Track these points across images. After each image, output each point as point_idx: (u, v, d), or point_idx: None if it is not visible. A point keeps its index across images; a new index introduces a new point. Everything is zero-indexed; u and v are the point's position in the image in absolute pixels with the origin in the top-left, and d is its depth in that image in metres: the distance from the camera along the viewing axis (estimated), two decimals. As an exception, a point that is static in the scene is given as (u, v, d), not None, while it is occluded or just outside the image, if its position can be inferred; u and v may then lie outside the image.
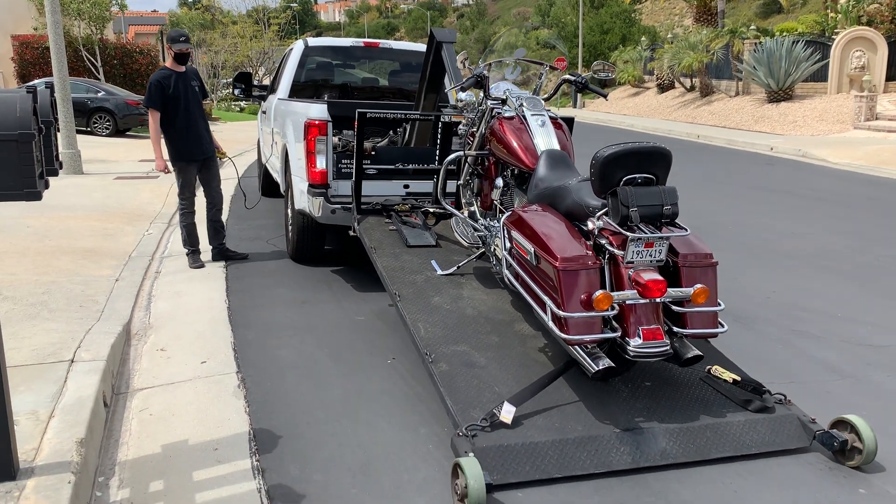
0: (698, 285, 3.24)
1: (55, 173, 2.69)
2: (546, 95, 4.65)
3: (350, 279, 6.08)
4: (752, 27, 25.60)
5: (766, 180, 12.20)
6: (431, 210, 5.54)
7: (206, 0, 48.74)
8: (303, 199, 5.88)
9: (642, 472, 3.15)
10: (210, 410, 3.73)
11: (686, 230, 3.31)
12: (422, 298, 4.26)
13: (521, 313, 4.15)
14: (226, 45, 33.93)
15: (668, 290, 3.18)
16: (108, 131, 19.03)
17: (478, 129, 4.61)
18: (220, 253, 6.64)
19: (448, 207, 4.91)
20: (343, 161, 5.80)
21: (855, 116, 18.33)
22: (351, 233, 5.50)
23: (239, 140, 17.41)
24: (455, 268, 4.64)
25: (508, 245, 3.75)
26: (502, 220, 3.86)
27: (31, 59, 22.62)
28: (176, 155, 6.28)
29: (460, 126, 4.93)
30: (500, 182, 4.41)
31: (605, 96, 5.10)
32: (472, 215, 4.75)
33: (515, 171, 4.31)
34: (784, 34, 23.00)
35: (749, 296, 5.74)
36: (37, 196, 2.34)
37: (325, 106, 5.66)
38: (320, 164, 5.60)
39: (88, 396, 3.51)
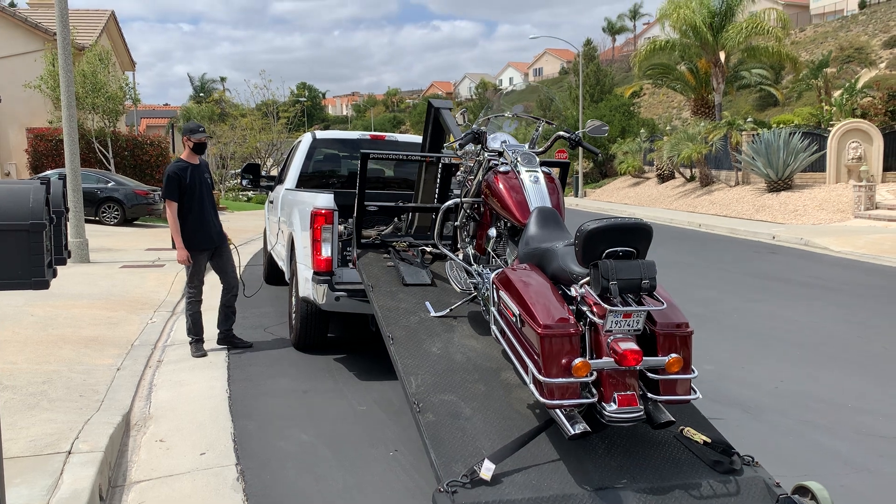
0: (673, 355, 3.39)
1: (63, 262, 2.71)
2: (541, 149, 4.81)
3: (353, 367, 6.02)
4: (749, 119, 26.25)
5: (770, 269, 12.23)
6: (428, 249, 5.66)
7: (216, 94, 50.23)
8: (307, 286, 5.90)
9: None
10: (208, 504, 3.63)
11: (663, 304, 3.44)
12: (414, 342, 4.37)
13: (508, 361, 4.17)
14: (235, 137, 34.74)
15: (644, 358, 3.33)
16: (116, 220, 19.28)
17: (475, 177, 4.83)
18: (227, 338, 6.63)
19: (444, 250, 5.09)
20: (348, 249, 5.85)
21: (855, 206, 18.54)
22: (351, 266, 5.67)
23: (246, 229, 17.61)
24: (448, 310, 4.75)
25: (496, 301, 3.90)
26: (491, 276, 4.03)
27: (45, 151, 23.15)
28: (187, 244, 6.34)
29: (459, 173, 5.16)
30: (493, 232, 4.61)
31: (596, 153, 5.24)
32: (466, 258, 4.94)
33: (508, 224, 4.48)
34: (781, 126, 23.55)
35: (757, 385, 5.66)
36: (44, 285, 2.36)
37: (332, 195, 5.76)
38: (325, 251, 5.65)
39: (83, 490, 3.43)
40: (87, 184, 17.39)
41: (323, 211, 5.66)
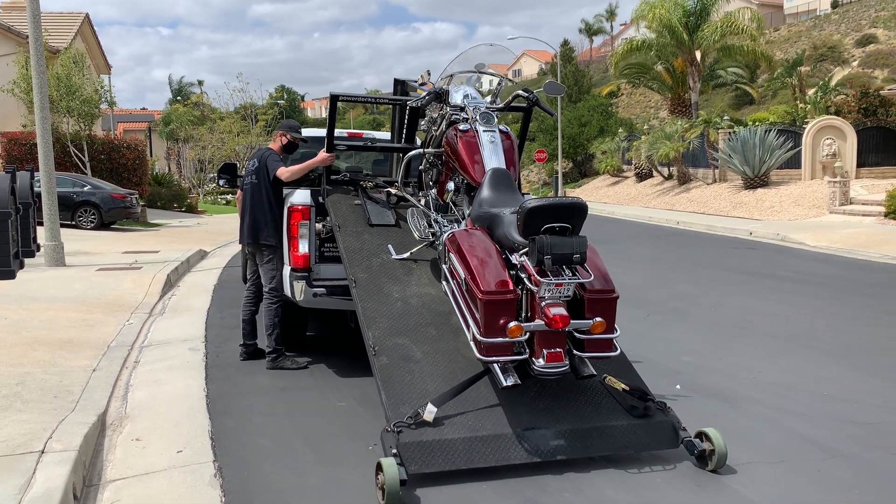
0: (597, 318, 3.83)
1: (31, 255, 2.68)
2: (501, 104, 5.03)
3: (332, 365, 5.99)
4: (726, 117, 26.45)
5: (748, 263, 12.33)
6: (393, 191, 5.81)
7: (195, 97, 49.81)
8: (285, 283, 5.85)
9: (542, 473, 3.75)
10: (184, 501, 3.59)
11: (591, 275, 3.87)
12: (375, 285, 4.68)
13: None
14: (213, 140, 34.47)
15: (572, 321, 3.75)
16: (92, 224, 19.02)
17: (437, 128, 5.07)
18: (252, 354, 6.15)
19: (406, 196, 5.41)
20: (326, 245, 5.81)
21: (830, 201, 18.74)
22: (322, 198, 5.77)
23: (224, 232, 17.51)
24: (408, 253, 5.02)
25: (447, 262, 4.26)
26: (444, 237, 4.39)
27: (19, 156, 22.76)
28: (261, 234, 5.85)
29: (423, 122, 5.41)
30: (451, 186, 4.90)
31: (551, 113, 5.56)
32: (428, 204, 5.22)
33: (465, 181, 4.72)
34: (756, 124, 23.76)
35: (734, 375, 5.70)
36: (10, 275, 2.32)
37: (309, 192, 5.73)
38: (303, 248, 5.61)
39: (56, 488, 3.38)
40: (63, 188, 17.15)
41: (300, 207, 5.63)
